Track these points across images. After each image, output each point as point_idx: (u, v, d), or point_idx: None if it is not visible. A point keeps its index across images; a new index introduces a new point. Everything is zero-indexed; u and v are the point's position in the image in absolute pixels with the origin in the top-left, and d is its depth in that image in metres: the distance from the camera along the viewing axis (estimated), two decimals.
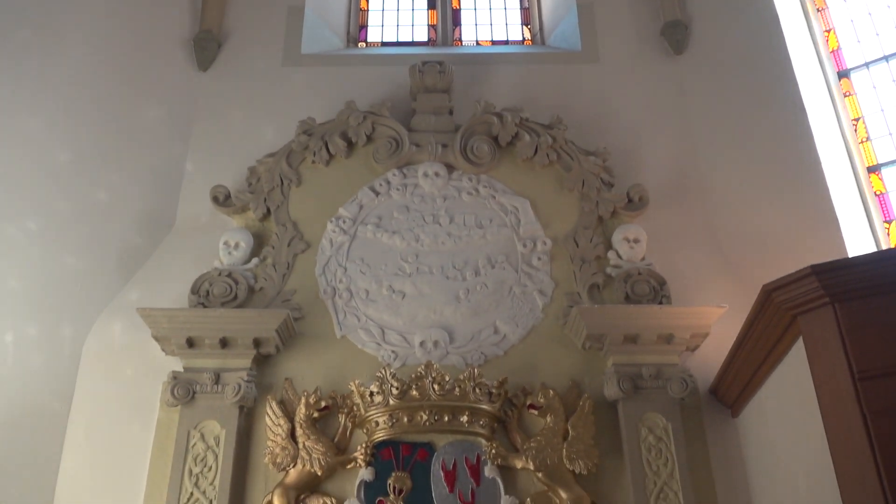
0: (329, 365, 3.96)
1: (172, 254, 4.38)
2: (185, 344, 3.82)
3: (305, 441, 3.67)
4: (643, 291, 4.05)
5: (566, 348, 4.02)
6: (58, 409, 3.87)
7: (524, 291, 4.18)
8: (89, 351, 4.04)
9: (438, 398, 3.66)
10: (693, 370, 3.86)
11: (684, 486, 3.60)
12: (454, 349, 4.01)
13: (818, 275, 2.54)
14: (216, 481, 3.59)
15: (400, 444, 3.72)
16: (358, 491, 3.64)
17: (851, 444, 2.40)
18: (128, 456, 3.76)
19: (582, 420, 3.75)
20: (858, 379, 2.43)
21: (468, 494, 3.63)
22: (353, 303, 4.14)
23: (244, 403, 3.75)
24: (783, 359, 3.04)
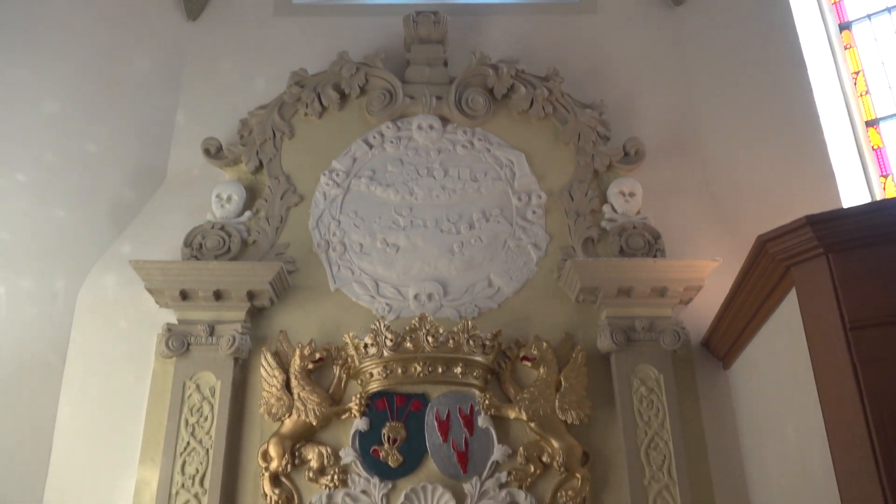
0: (323, 317, 3.97)
1: (164, 207, 4.34)
2: (178, 296, 3.81)
3: (300, 392, 3.70)
4: (637, 245, 4.05)
5: (560, 301, 4.04)
6: (53, 360, 3.88)
7: (518, 245, 4.17)
8: (83, 303, 4.04)
9: (432, 350, 3.69)
10: (686, 323, 3.89)
11: (675, 436, 3.66)
12: (448, 302, 4.02)
13: (813, 225, 2.53)
14: (212, 431, 3.63)
15: (394, 395, 3.75)
16: (353, 440, 3.68)
17: (841, 393, 2.42)
18: (124, 406, 3.79)
19: (575, 371, 3.79)
20: (850, 329, 2.44)
21: (462, 444, 3.68)
22: (347, 256, 4.13)
23: (239, 355, 3.77)
24: (775, 310, 3.06)
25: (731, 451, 3.75)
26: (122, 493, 3.63)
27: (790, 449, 3.00)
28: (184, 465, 3.57)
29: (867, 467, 2.32)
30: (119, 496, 3.63)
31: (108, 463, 3.69)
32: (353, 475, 3.63)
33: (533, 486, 3.63)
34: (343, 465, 3.64)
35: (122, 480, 3.65)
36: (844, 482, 2.40)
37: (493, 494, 3.60)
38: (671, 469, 3.60)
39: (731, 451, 3.75)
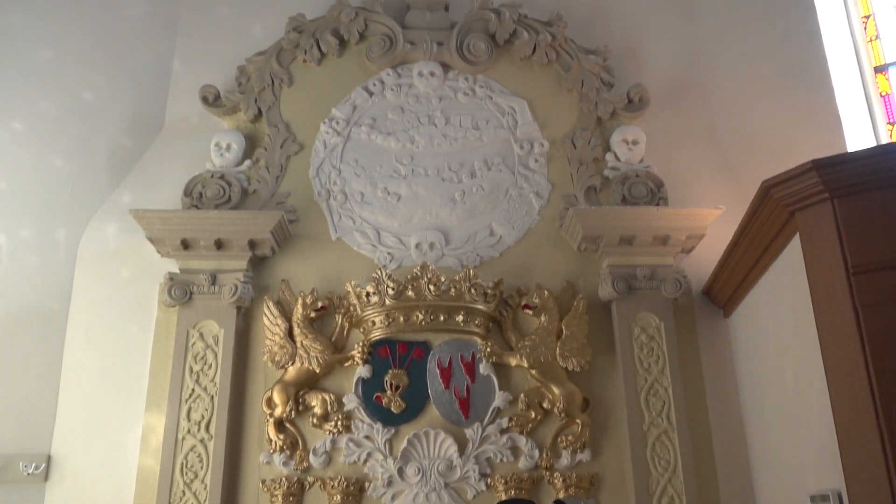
0: (325, 267, 3.97)
1: (163, 156, 4.29)
2: (179, 245, 3.81)
3: (303, 340, 3.73)
4: (640, 193, 4.03)
5: (562, 250, 4.03)
6: (56, 309, 3.89)
7: (520, 193, 4.15)
8: (84, 253, 4.03)
9: (434, 298, 3.69)
10: (687, 271, 3.88)
11: (674, 382, 3.70)
12: (450, 251, 4.02)
13: (818, 169, 2.50)
14: (216, 378, 3.67)
15: (396, 343, 3.78)
16: (356, 387, 3.72)
17: (841, 337, 2.43)
18: (128, 354, 3.82)
19: (576, 319, 3.80)
20: (853, 273, 2.44)
21: (463, 391, 3.72)
22: (348, 205, 4.11)
23: (241, 304, 3.78)
24: (778, 257, 3.05)
25: (730, 398, 3.79)
26: (129, 438, 3.68)
27: (789, 394, 3.03)
28: (189, 411, 3.61)
29: (866, 411, 2.35)
30: (127, 442, 3.68)
31: (115, 410, 3.74)
32: (356, 421, 3.68)
33: (533, 431, 3.68)
34: (346, 411, 3.69)
35: (128, 427, 3.70)
36: (842, 426, 2.43)
37: (495, 440, 3.65)
38: (670, 415, 3.65)
39: (729, 397, 3.80)
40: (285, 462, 3.60)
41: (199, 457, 3.54)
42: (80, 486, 3.63)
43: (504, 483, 3.58)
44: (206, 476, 3.52)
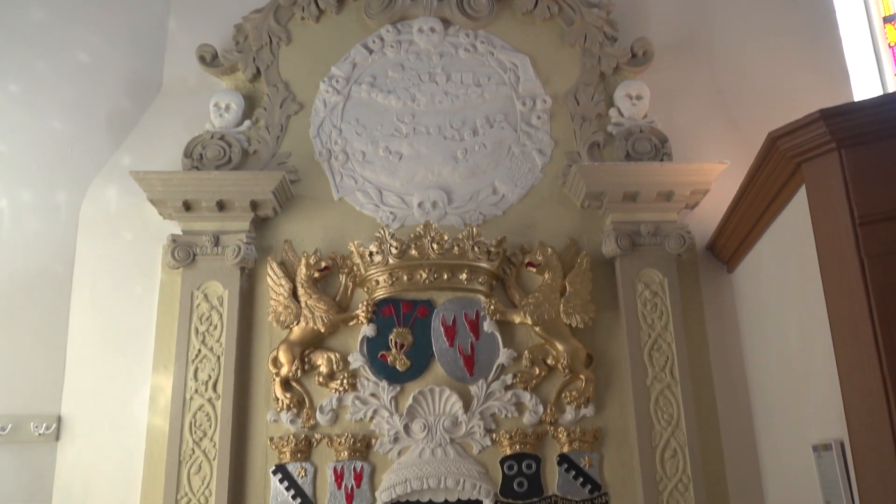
0: (328, 227, 3.96)
1: (162, 117, 4.25)
2: (181, 207, 3.79)
3: (307, 300, 3.74)
4: (644, 149, 3.99)
5: (565, 207, 4.01)
6: (60, 272, 3.90)
7: (523, 151, 4.11)
8: (86, 216, 4.02)
9: (437, 257, 3.69)
10: (691, 227, 3.87)
11: (677, 337, 3.71)
12: (452, 210, 4.00)
13: (826, 119, 2.47)
14: (222, 338, 3.69)
15: (400, 302, 3.79)
16: (360, 346, 3.75)
17: (847, 288, 2.43)
18: (134, 316, 3.84)
19: (579, 277, 3.80)
20: (859, 224, 2.42)
21: (468, 348, 3.74)
22: (350, 165, 4.08)
23: (245, 265, 3.78)
24: (783, 210, 3.03)
25: (733, 352, 3.82)
26: (137, 399, 3.73)
27: (792, 346, 3.04)
28: (196, 371, 3.64)
29: (869, 361, 2.35)
30: (135, 402, 3.73)
31: (122, 370, 3.77)
32: (361, 379, 3.71)
33: (538, 387, 3.71)
34: (352, 369, 3.72)
35: (137, 387, 3.74)
36: (846, 376, 2.44)
37: (499, 396, 3.69)
38: (673, 369, 3.67)
39: (732, 351, 3.82)
40: (292, 420, 3.64)
41: (208, 416, 3.59)
42: (90, 446, 3.68)
43: (509, 438, 3.63)
44: (215, 434, 3.56)
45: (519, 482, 3.60)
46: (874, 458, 2.33)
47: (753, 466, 3.66)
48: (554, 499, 3.59)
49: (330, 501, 3.56)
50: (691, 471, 3.53)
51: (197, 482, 3.50)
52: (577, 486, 3.60)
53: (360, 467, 3.60)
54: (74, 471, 3.66)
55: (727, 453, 3.66)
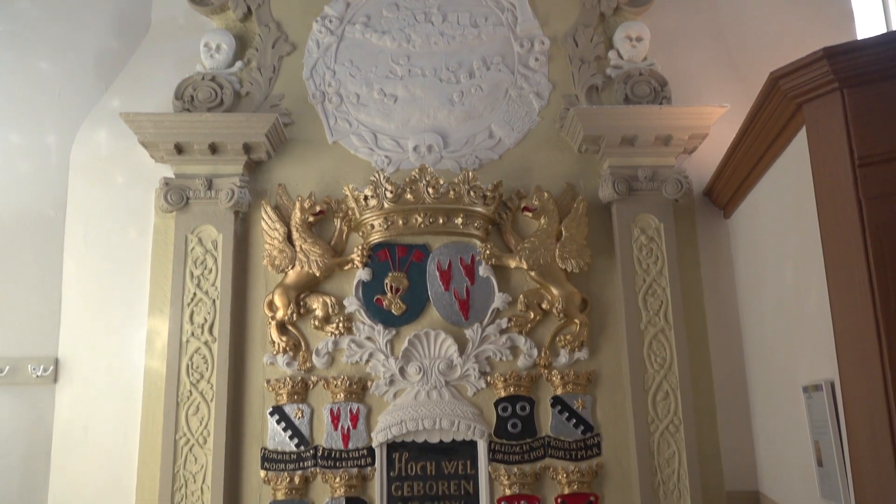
0: (322, 171, 3.92)
1: (151, 58, 4.15)
2: (173, 150, 3.74)
3: (302, 244, 3.73)
4: (643, 93, 3.93)
5: (562, 152, 3.97)
6: (53, 216, 3.87)
7: (520, 94, 4.04)
8: (77, 159, 3.97)
9: (433, 201, 3.66)
10: (689, 172, 3.84)
11: (672, 282, 3.72)
12: (448, 154, 3.96)
13: (829, 58, 2.41)
14: (217, 282, 3.68)
15: (396, 246, 3.78)
16: (356, 290, 3.75)
17: (844, 229, 2.42)
18: (128, 260, 3.83)
19: (576, 221, 3.79)
20: (858, 165, 2.40)
21: (463, 292, 3.75)
22: (344, 107, 4.01)
23: (239, 209, 3.76)
24: (782, 153, 3.00)
25: (727, 297, 3.84)
26: (134, 341, 3.74)
27: (787, 290, 3.05)
28: (192, 315, 3.65)
29: (863, 302, 2.36)
30: (132, 345, 3.74)
31: (118, 314, 3.78)
32: (357, 323, 3.73)
33: (532, 331, 3.74)
34: (347, 313, 3.73)
35: (133, 330, 3.76)
36: (839, 317, 2.45)
37: (494, 339, 3.71)
38: (667, 314, 3.69)
39: (727, 296, 3.84)
40: (288, 363, 3.67)
41: (204, 358, 3.61)
42: (88, 388, 3.72)
43: (503, 381, 3.67)
44: (212, 377, 3.59)
45: (513, 423, 3.65)
46: (864, 397, 2.35)
47: (744, 408, 3.72)
48: (547, 439, 3.65)
49: (326, 441, 3.62)
50: (682, 412, 3.58)
51: (195, 423, 3.55)
52: (570, 427, 3.66)
53: (357, 409, 3.64)
54: (73, 412, 3.70)
55: (718, 396, 3.71)
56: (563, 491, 3.59)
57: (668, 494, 3.52)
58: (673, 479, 3.54)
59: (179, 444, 3.53)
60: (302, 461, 3.60)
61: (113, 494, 3.59)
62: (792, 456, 3.09)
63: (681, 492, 3.52)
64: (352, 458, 3.61)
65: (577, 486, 3.58)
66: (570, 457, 3.63)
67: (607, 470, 3.63)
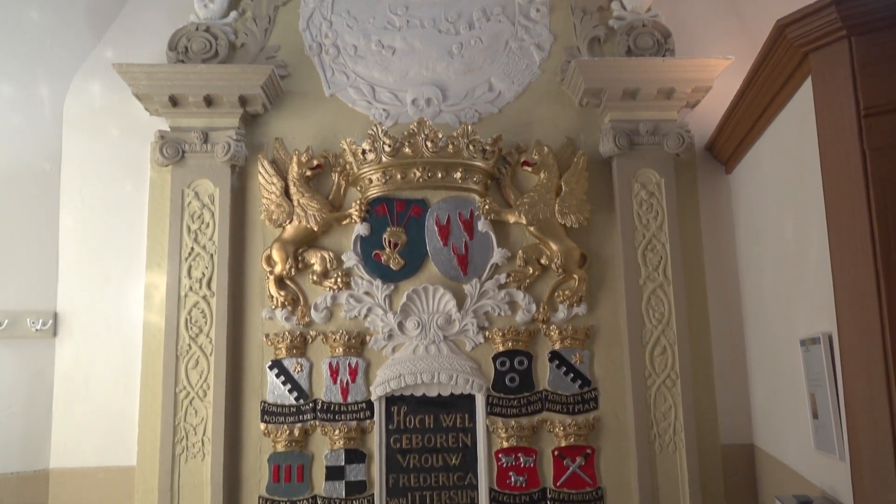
0: (319, 124, 3.87)
1: (144, 8, 4.04)
2: (168, 102, 3.68)
3: (300, 198, 3.69)
4: (646, 45, 3.85)
5: (563, 105, 3.92)
6: (48, 169, 3.83)
7: (521, 46, 3.96)
8: (70, 111, 3.91)
9: (431, 155, 3.62)
10: (691, 127, 3.79)
11: (672, 238, 3.70)
12: (447, 107, 3.90)
13: (838, 4, 2.35)
14: (215, 237, 3.66)
15: (394, 201, 3.75)
16: (354, 245, 3.73)
17: (847, 181, 2.38)
18: (125, 214, 3.80)
19: (575, 176, 3.75)
20: (864, 116, 2.35)
21: (462, 248, 3.74)
22: (341, 59, 3.94)
23: (235, 162, 3.72)
24: (786, 105, 2.95)
25: (727, 252, 3.82)
26: (132, 296, 3.74)
27: (788, 244, 3.04)
28: (190, 269, 3.64)
29: (864, 254, 2.34)
30: (130, 299, 3.75)
31: (116, 268, 3.77)
32: (355, 278, 3.72)
33: (531, 286, 3.73)
34: (346, 268, 3.72)
35: (131, 284, 3.76)
36: (839, 269, 2.43)
37: (493, 294, 3.71)
38: (666, 269, 3.68)
39: (726, 252, 3.82)
40: (287, 317, 3.67)
41: (203, 313, 3.61)
42: (88, 342, 3.73)
43: (501, 336, 3.68)
44: (211, 331, 3.60)
45: (511, 378, 3.68)
46: (861, 349, 2.35)
47: (741, 363, 3.74)
48: (545, 393, 3.67)
49: (326, 395, 3.64)
50: (679, 367, 3.60)
51: (195, 376, 3.57)
52: (568, 381, 3.68)
53: (355, 363, 3.66)
54: (74, 366, 3.72)
55: (716, 350, 3.73)
56: (559, 444, 3.63)
57: (664, 447, 3.56)
58: (669, 433, 3.57)
59: (179, 397, 3.55)
60: (301, 414, 3.63)
61: (115, 446, 3.63)
62: (787, 409, 3.11)
63: (676, 445, 3.56)
64: (351, 411, 3.64)
65: (574, 439, 3.62)
66: (568, 410, 3.66)
67: (604, 423, 3.66)
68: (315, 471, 3.60)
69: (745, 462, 3.66)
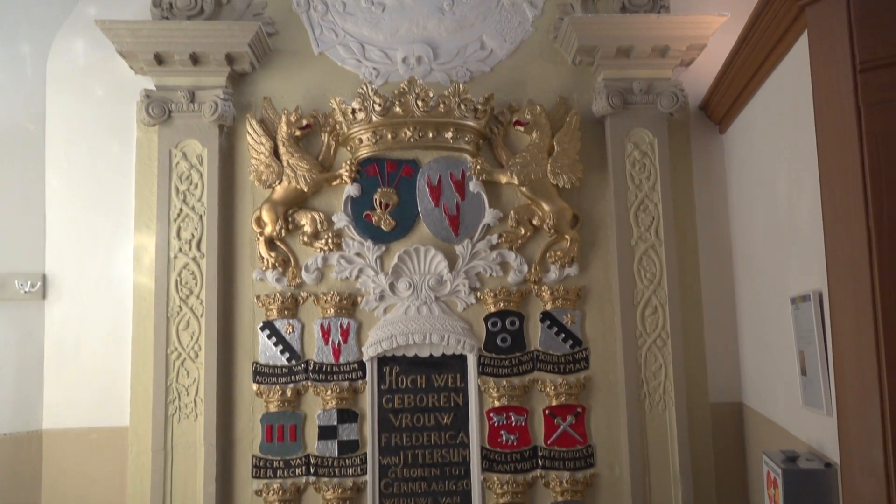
0: (308, 83, 3.80)
1: None
2: (153, 60, 3.60)
3: (289, 159, 3.65)
4: (641, 1, 3.78)
5: (555, 64, 3.86)
6: (32, 129, 3.76)
7: (513, 2, 3.90)
8: (54, 70, 3.83)
9: (422, 115, 3.57)
10: (685, 86, 3.75)
11: (664, 198, 3.68)
12: (438, 66, 3.84)
13: None
14: (204, 197, 3.63)
15: (385, 161, 3.72)
16: (345, 206, 3.70)
17: (840, 137, 2.35)
18: (112, 174, 3.75)
19: (568, 136, 3.72)
20: (860, 70, 2.31)
21: (453, 208, 3.71)
22: (330, 16, 3.86)
23: (223, 122, 3.66)
24: (781, 62, 2.91)
25: (719, 213, 3.81)
26: (121, 257, 3.72)
27: (780, 203, 3.02)
28: (179, 230, 3.61)
29: (856, 212, 2.32)
30: (119, 261, 3.72)
31: (104, 229, 3.74)
32: (346, 239, 3.70)
33: (523, 247, 3.72)
34: (336, 229, 3.70)
35: (119, 246, 3.73)
36: (830, 225, 2.42)
37: (484, 255, 3.70)
38: (658, 230, 3.67)
39: (719, 212, 3.82)
40: (278, 279, 3.66)
41: (193, 274, 3.59)
42: (78, 304, 3.71)
43: (493, 296, 3.68)
44: (201, 292, 3.58)
45: (502, 338, 3.69)
46: (851, 306, 2.35)
47: (731, 322, 3.76)
48: (536, 353, 3.69)
49: (317, 356, 3.65)
50: (670, 327, 3.61)
51: (186, 338, 3.56)
52: (559, 341, 3.69)
53: (347, 324, 3.66)
54: (64, 328, 3.70)
55: (706, 310, 3.75)
56: (550, 403, 3.66)
57: (654, 406, 3.59)
58: (659, 392, 3.60)
59: (171, 358, 3.55)
60: (293, 375, 3.64)
61: (107, 407, 3.63)
62: (776, 366, 3.14)
63: (666, 403, 3.59)
64: (343, 371, 3.65)
65: (565, 398, 3.65)
66: (559, 370, 3.68)
67: (594, 382, 3.69)
68: (308, 430, 3.62)
69: (733, 420, 3.70)
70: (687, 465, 3.54)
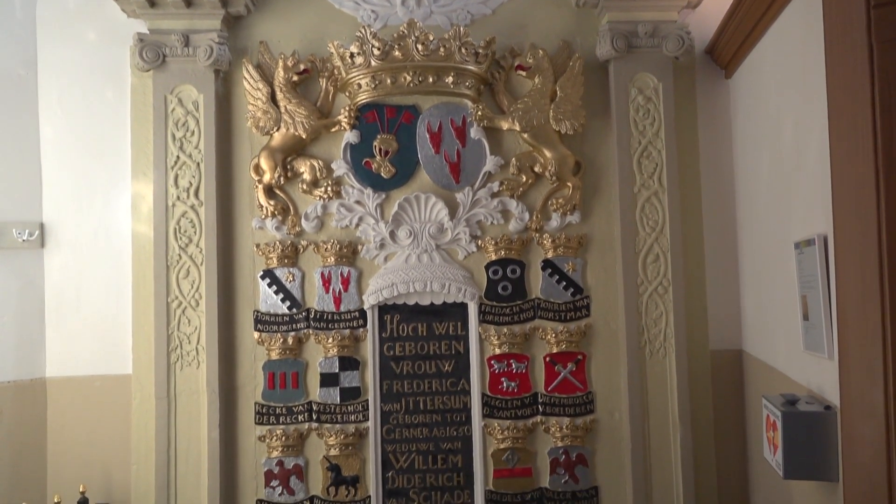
0: (305, 27, 3.71)
1: None
2: (145, 2, 3.51)
3: (287, 105, 3.58)
4: None
5: (558, 6, 3.76)
6: (24, 75, 3.69)
7: None
8: (43, 15, 3.73)
9: (422, 59, 3.48)
10: (692, 29, 3.65)
11: (668, 144, 3.63)
12: (438, 8, 3.74)
13: None
14: (201, 144, 3.58)
15: (384, 107, 3.65)
16: (344, 153, 3.65)
17: (851, 75, 2.29)
18: (106, 121, 3.69)
19: (571, 81, 3.64)
20: (873, 6, 2.25)
21: (454, 155, 3.66)
22: None
23: (219, 67, 3.58)
24: (791, 1, 2.82)
25: (724, 159, 3.76)
26: (119, 206, 3.69)
27: (787, 146, 2.97)
28: (177, 178, 3.57)
29: (865, 153, 2.28)
30: (117, 209, 3.69)
31: (101, 177, 3.70)
32: (346, 186, 3.66)
33: (524, 195, 3.68)
34: (336, 177, 3.65)
35: (117, 194, 3.70)
36: (838, 167, 2.38)
37: (485, 203, 3.66)
38: (661, 177, 3.63)
39: (723, 158, 3.76)
40: (277, 227, 3.63)
41: (192, 222, 3.56)
42: (77, 252, 3.69)
43: (494, 244, 3.66)
44: (201, 240, 3.56)
45: (503, 286, 3.68)
46: (857, 250, 2.33)
47: (733, 269, 3.74)
48: (537, 301, 3.68)
49: (318, 304, 3.64)
50: (672, 274, 3.60)
51: (186, 286, 3.55)
52: (560, 289, 3.68)
53: (347, 272, 3.65)
54: (64, 276, 3.69)
55: (708, 258, 3.73)
56: (551, 350, 3.67)
57: (654, 353, 3.60)
58: (659, 339, 3.61)
59: (172, 306, 3.55)
60: (294, 323, 3.64)
61: (109, 355, 3.65)
62: (778, 312, 3.13)
63: (666, 350, 3.60)
64: (344, 319, 3.65)
65: (566, 346, 3.66)
66: (560, 318, 3.68)
67: (595, 330, 3.69)
68: (310, 378, 3.64)
69: (733, 367, 3.72)
70: (686, 411, 3.57)
